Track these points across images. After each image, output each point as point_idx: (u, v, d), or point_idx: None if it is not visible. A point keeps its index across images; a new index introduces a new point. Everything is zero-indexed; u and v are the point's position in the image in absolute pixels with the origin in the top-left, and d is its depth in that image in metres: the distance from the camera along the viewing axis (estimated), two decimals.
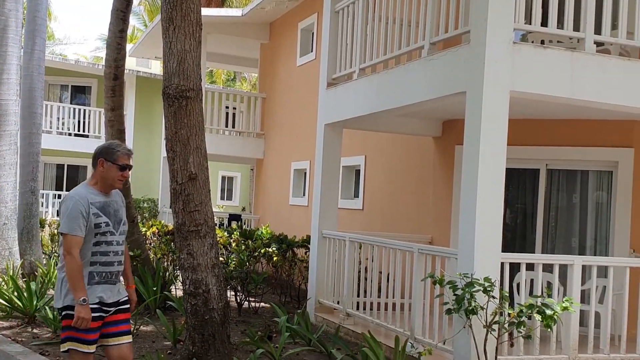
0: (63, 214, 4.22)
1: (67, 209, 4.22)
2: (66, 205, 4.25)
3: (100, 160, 4.38)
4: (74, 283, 4.17)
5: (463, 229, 6.16)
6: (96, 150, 4.43)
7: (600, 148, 8.42)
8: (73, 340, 4.23)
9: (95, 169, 4.40)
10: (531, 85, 6.20)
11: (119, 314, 4.41)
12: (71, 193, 4.31)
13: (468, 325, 5.80)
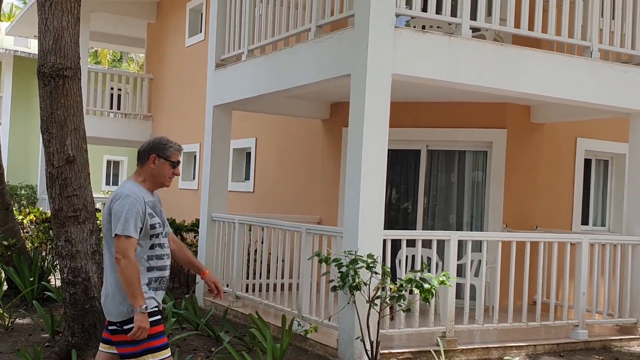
0: (117, 214, 3.76)
1: (122, 208, 3.76)
2: (121, 203, 3.78)
3: (152, 157, 3.94)
4: (133, 289, 3.71)
5: (348, 208, 6.31)
6: (146, 146, 3.99)
7: (476, 129, 8.86)
8: (152, 352, 3.77)
9: (144, 166, 3.96)
10: (412, 68, 6.40)
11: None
12: (125, 191, 3.84)
13: (352, 301, 5.95)
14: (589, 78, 7.31)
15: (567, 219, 9.21)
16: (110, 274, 3.84)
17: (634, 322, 7.66)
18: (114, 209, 3.78)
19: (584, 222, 9.57)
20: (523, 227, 8.73)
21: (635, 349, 7.51)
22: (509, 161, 8.83)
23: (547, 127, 9.12)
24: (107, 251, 3.86)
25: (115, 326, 3.81)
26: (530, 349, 6.93)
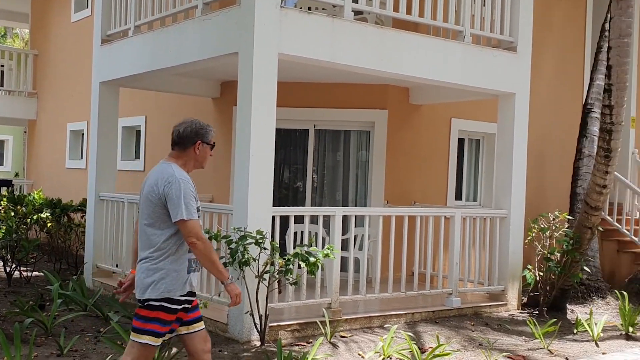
0: (175, 198, 3.78)
1: (179, 193, 3.80)
2: (177, 188, 3.81)
3: (197, 142, 4.01)
4: (217, 265, 3.87)
5: (237, 186, 6.48)
6: (190, 131, 4.00)
7: (360, 110, 9.25)
8: (152, 335, 3.83)
9: (186, 150, 4.00)
10: (297, 48, 6.59)
11: (195, 299, 4.06)
12: (176, 175, 3.86)
13: (242, 277, 6.13)
14: (462, 61, 7.81)
15: (442, 194, 9.82)
16: (153, 253, 3.85)
17: (501, 289, 8.34)
18: (170, 193, 3.80)
19: (458, 198, 10.22)
20: (403, 202, 9.24)
21: (503, 314, 8.19)
22: (390, 141, 9.29)
23: (425, 108, 9.65)
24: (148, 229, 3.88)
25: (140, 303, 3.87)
26: (409, 317, 7.43)
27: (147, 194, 3.90)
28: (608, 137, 7.58)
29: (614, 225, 10.90)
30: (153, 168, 4.06)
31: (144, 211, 3.92)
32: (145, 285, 3.83)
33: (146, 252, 3.88)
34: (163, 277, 3.81)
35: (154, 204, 3.86)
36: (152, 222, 3.87)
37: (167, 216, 3.83)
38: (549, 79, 10.98)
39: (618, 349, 6.62)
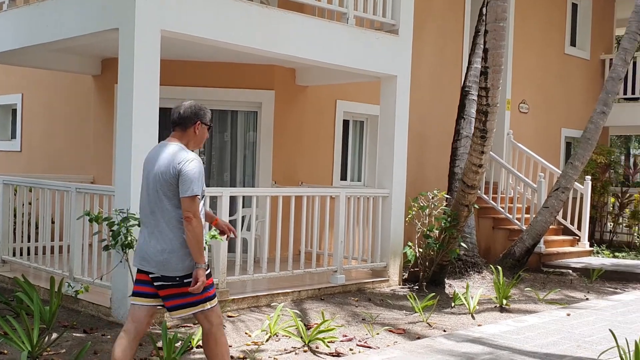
0: (188, 176, 3.91)
1: (193, 171, 3.94)
2: (191, 166, 3.94)
3: (197, 122, 4.14)
4: (199, 247, 3.96)
5: (119, 166, 6.30)
6: (191, 112, 4.13)
7: (247, 90, 9.20)
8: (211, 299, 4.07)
9: (186, 131, 4.13)
10: (180, 25, 6.46)
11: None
12: (189, 154, 4.00)
13: (125, 260, 6.01)
14: (346, 43, 7.93)
15: (328, 175, 9.98)
16: (172, 232, 3.98)
17: (384, 266, 8.62)
18: (184, 171, 3.92)
19: (343, 178, 10.42)
20: (290, 183, 9.32)
21: (385, 290, 8.47)
22: (277, 121, 9.32)
23: (311, 90, 9.74)
24: (167, 207, 3.98)
25: (170, 282, 3.99)
26: (296, 295, 7.53)
27: (161, 175, 3.98)
28: (484, 118, 7.93)
29: (489, 204, 11.49)
30: (157, 149, 4.12)
31: (157, 192, 4.00)
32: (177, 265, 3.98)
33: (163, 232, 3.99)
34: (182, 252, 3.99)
35: (170, 183, 3.97)
36: (170, 202, 3.99)
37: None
38: (429, 62, 11.36)
39: (492, 320, 7.00)
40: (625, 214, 13.68)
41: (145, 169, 4.15)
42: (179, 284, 4.01)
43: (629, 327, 6.34)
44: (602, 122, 10.17)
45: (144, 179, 4.13)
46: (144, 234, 4.10)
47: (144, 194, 4.11)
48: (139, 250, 4.13)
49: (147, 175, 4.09)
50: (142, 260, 4.07)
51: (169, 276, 4.01)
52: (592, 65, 14.85)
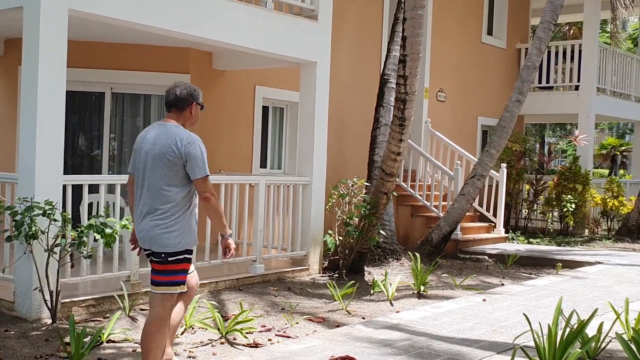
0: (196, 157, 4.07)
1: (199, 152, 4.10)
2: (197, 148, 4.10)
3: (193, 103, 4.28)
4: (222, 221, 4.27)
5: (23, 152, 5.94)
6: (187, 93, 4.27)
7: (160, 73, 8.89)
8: (182, 283, 4.23)
9: (182, 112, 4.27)
10: (89, 4, 6.13)
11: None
12: (192, 136, 4.14)
13: (29, 251, 5.70)
14: (264, 28, 7.76)
15: (247, 162, 9.81)
16: (171, 210, 4.10)
17: (304, 254, 8.53)
18: (192, 152, 4.06)
19: (263, 165, 10.27)
20: None
21: (305, 279, 8.38)
22: None
23: (229, 74, 9.51)
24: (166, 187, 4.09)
25: (157, 257, 4.14)
26: (213, 286, 7.33)
27: (163, 155, 4.08)
28: (402, 106, 7.93)
29: (408, 191, 11.59)
30: (152, 129, 4.24)
31: (156, 171, 4.10)
32: (164, 241, 4.10)
33: (159, 209, 4.11)
34: (183, 232, 4.12)
35: (173, 163, 4.07)
36: (170, 181, 4.09)
37: (186, 174, 4.11)
38: (349, 49, 11.32)
39: (410, 307, 7.03)
40: (540, 200, 14.10)
41: (140, 148, 4.21)
42: (163, 260, 4.14)
43: (542, 312, 6.47)
44: (517, 110, 10.39)
45: (139, 157, 4.21)
46: (137, 212, 4.22)
47: (138, 173, 4.22)
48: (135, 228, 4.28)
49: (143, 154, 4.18)
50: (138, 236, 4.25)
51: (155, 251, 4.15)
52: (509, 54, 15.19)
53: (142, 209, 4.17)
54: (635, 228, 13.50)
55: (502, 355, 5.07)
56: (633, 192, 14.83)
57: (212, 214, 4.25)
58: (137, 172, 4.24)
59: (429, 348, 5.25)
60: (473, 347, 5.33)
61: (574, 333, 4.59)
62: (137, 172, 4.24)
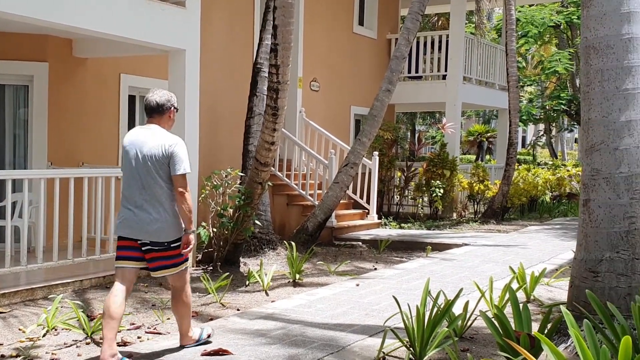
0: (180, 156, 4.58)
1: (184, 152, 4.63)
2: (182, 148, 4.62)
3: (172, 110, 4.78)
4: (190, 217, 4.66)
5: None
6: (165, 100, 4.72)
7: (15, 62, 8.32)
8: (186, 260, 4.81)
9: (162, 117, 4.72)
10: None
11: None
12: (175, 137, 4.66)
13: None
14: (128, 13, 7.41)
15: (113, 154, 9.37)
16: (166, 203, 4.62)
17: None
18: (176, 152, 4.57)
19: None
20: (70, 164, 8.60)
21: None
22: (52, 96, 8.53)
23: (91, 62, 9.05)
24: (160, 184, 4.59)
25: (159, 247, 4.63)
26: (77, 285, 6.95)
27: (153, 155, 4.56)
28: (275, 95, 7.85)
29: (284, 181, 11.57)
30: (142, 132, 4.65)
31: (149, 170, 4.58)
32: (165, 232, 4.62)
33: (156, 205, 4.60)
34: (177, 221, 4.69)
35: (161, 162, 4.58)
36: (161, 178, 4.60)
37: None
38: (220, 37, 11.11)
39: (286, 296, 6.99)
40: (411, 187, 14.52)
41: (131, 149, 4.62)
42: (166, 248, 4.67)
43: (412, 293, 6.62)
44: (387, 99, 10.59)
45: (131, 158, 4.61)
46: (130, 208, 4.62)
47: (132, 173, 4.61)
48: (125, 222, 4.64)
49: (134, 155, 4.60)
50: (131, 230, 4.62)
51: (158, 242, 4.63)
52: (380, 45, 15.50)
53: (136, 205, 4.61)
54: (499, 210, 14.20)
55: (374, 337, 5.13)
56: (498, 176, 15.59)
57: (184, 208, 4.63)
58: (129, 171, 4.64)
59: (303, 335, 5.22)
60: (346, 331, 5.36)
61: (441, 313, 4.71)
62: (129, 171, 4.64)
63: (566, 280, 5.33)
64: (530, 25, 23.20)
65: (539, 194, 16.49)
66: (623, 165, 4.78)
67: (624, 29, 4.85)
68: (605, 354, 3.21)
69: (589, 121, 4.95)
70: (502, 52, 15.43)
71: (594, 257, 4.84)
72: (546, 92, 27.72)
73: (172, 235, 4.65)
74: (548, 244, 10.74)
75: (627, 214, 4.76)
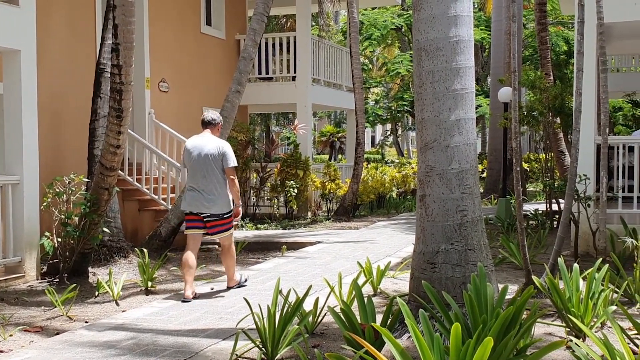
0: (229, 154, 6.92)
1: (231, 151, 7.00)
2: (230, 149, 7.01)
3: (219, 124, 7.20)
4: (239, 195, 7.06)
5: None
6: (215, 117, 7.18)
7: None
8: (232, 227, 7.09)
9: (213, 130, 7.11)
10: None
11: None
12: (225, 142, 7.16)
13: None
14: None
15: None
16: (221, 187, 6.88)
17: (18, 260, 7.83)
18: (227, 151, 6.91)
19: None
20: None
21: (21, 287, 7.71)
22: None
23: None
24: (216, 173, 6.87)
25: (218, 217, 6.90)
26: None
27: (212, 154, 6.85)
28: (119, 97, 7.61)
29: (134, 185, 11.26)
30: (202, 138, 6.97)
31: (208, 166, 6.83)
32: (221, 207, 6.89)
33: (211, 190, 6.84)
34: (228, 200, 6.93)
35: (217, 158, 6.85)
36: (219, 170, 6.86)
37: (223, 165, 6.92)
38: (61, 37, 10.61)
39: (138, 304, 6.81)
40: (267, 187, 14.61)
41: (194, 150, 6.90)
42: (221, 217, 6.92)
43: (267, 294, 6.68)
44: (237, 100, 10.59)
45: (195, 156, 6.85)
46: (194, 191, 6.86)
47: (196, 166, 6.85)
48: (192, 201, 6.86)
49: (197, 154, 6.86)
50: (197, 206, 6.85)
51: (216, 213, 6.87)
52: (229, 45, 15.47)
53: (199, 189, 6.84)
54: (350, 207, 14.66)
55: (227, 340, 5.15)
56: (349, 175, 16.06)
57: (235, 190, 6.93)
58: (190, 166, 6.92)
59: (155, 344, 5.14)
60: (200, 336, 5.34)
61: (291, 311, 4.81)
62: (190, 166, 6.92)
63: (409, 272, 5.61)
64: (373, 28, 24.14)
65: (386, 191, 17.20)
66: (454, 161, 5.12)
67: (451, 32, 5.19)
68: (438, 341, 3.44)
69: (422, 120, 5.26)
70: (348, 54, 15.90)
71: (431, 249, 5.16)
72: (391, 93, 28.93)
73: (225, 209, 6.90)
74: (394, 238, 11.25)
75: (459, 207, 5.11)
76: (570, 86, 11.24)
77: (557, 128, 12.61)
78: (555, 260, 6.40)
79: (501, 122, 13.04)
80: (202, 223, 6.86)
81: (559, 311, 5.29)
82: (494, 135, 19.21)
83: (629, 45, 15.05)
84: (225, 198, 6.86)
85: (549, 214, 12.46)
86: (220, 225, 6.90)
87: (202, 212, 6.81)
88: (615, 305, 5.26)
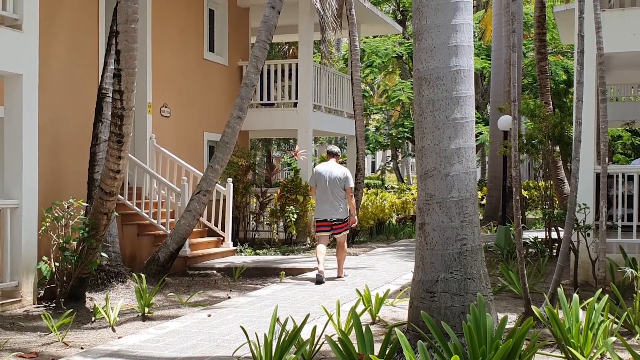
0: (349, 177, 9.71)
1: (350, 175, 9.81)
2: (350, 173, 9.80)
3: (339, 155, 9.99)
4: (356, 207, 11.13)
5: None
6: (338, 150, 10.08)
7: None
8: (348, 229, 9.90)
9: (337, 157, 9.92)
10: None
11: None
12: (346, 168, 10.01)
13: None
14: None
15: None
16: (343, 200, 9.64)
17: (15, 285, 7.79)
18: (348, 175, 9.66)
19: None
20: None
21: (17, 311, 7.66)
22: None
23: None
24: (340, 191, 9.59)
25: (340, 221, 9.62)
26: None
27: (337, 178, 9.56)
28: (120, 122, 7.63)
29: (134, 210, 11.24)
30: (329, 166, 9.72)
31: (335, 186, 9.54)
32: (343, 215, 9.65)
33: (337, 203, 9.58)
34: (347, 210, 9.72)
35: (342, 180, 9.55)
36: (341, 189, 9.56)
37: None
38: (62, 61, 10.67)
39: (134, 330, 6.76)
40: (266, 212, 14.57)
41: (324, 173, 9.56)
42: (343, 221, 9.63)
43: (264, 321, 6.62)
44: (238, 126, 10.62)
45: (326, 178, 9.51)
46: (326, 205, 9.56)
47: (325, 186, 9.49)
48: (325, 212, 9.58)
49: (327, 177, 9.52)
50: (329, 214, 9.56)
51: (341, 219, 9.58)
52: (231, 71, 15.55)
53: (329, 203, 9.51)
54: (349, 233, 14.57)
55: None
56: None
57: (353, 202, 9.79)
58: (321, 185, 9.52)
59: None
60: None
61: (288, 339, 4.77)
62: (321, 185, 9.52)
63: (408, 300, 5.57)
64: (374, 56, 24.30)
65: (386, 217, 17.16)
66: (454, 190, 5.12)
67: (452, 62, 5.22)
68: None
69: (422, 149, 5.27)
70: (349, 81, 15.96)
71: (430, 277, 5.13)
72: (391, 120, 29.02)
73: (345, 216, 9.65)
74: (394, 265, 11.20)
75: (459, 236, 5.09)
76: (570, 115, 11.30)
77: (556, 156, 12.63)
78: (554, 290, 6.37)
79: (501, 150, 13.08)
80: (329, 227, 9.57)
81: (559, 342, 5.25)
82: (493, 162, 19.22)
83: (629, 75, 15.16)
84: (345, 207, 9.65)
85: (548, 242, 12.43)
86: (342, 228, 9.65)
87: (332, 218, 9.50)
88: (614, 337, 5.22)
